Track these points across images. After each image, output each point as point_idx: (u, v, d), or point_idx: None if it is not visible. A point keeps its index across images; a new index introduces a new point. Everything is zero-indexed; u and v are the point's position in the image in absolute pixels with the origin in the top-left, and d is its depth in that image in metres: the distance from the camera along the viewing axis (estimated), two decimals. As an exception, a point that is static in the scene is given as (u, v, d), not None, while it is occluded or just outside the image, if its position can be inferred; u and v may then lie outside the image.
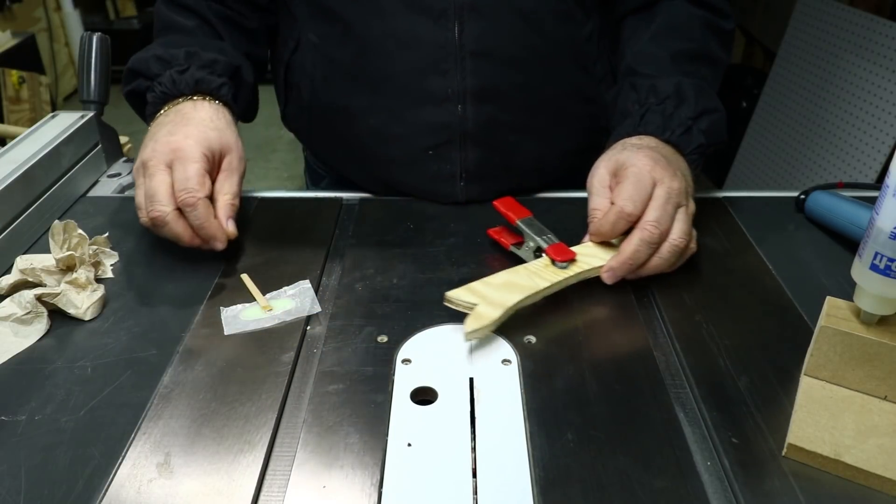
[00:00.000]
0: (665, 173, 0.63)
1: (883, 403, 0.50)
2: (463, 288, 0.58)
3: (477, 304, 0.57)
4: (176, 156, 0.63)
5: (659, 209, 0.61)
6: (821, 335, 0.51)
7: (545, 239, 0.64)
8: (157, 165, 0.63)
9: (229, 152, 0.67)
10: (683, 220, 0.62)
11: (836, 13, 1.96)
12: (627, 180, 0.63)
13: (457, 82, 0.73)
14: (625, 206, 0.61)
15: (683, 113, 0.70)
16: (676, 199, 0.62)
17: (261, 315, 0.60)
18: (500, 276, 0.60)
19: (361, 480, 0.45)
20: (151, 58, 0.72)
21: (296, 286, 0.63)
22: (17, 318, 0.57)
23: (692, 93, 0.71)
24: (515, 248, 0.67)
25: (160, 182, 0.62)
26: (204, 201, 0.62)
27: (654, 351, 0.56)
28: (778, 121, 2.18)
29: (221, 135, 0.67)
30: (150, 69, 0.71)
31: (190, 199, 0.61)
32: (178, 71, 0.70)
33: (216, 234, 0.63)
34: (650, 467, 0.46)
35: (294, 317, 0.60)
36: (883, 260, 0.46)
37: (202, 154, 0.64)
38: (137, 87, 0.73)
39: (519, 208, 0.68)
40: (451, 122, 0.75)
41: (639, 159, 0.64)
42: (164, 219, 0.61)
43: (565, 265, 0.62)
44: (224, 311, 0.60)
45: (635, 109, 0.72)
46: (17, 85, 2.75)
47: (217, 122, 0.68)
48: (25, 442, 0.48)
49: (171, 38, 0.75)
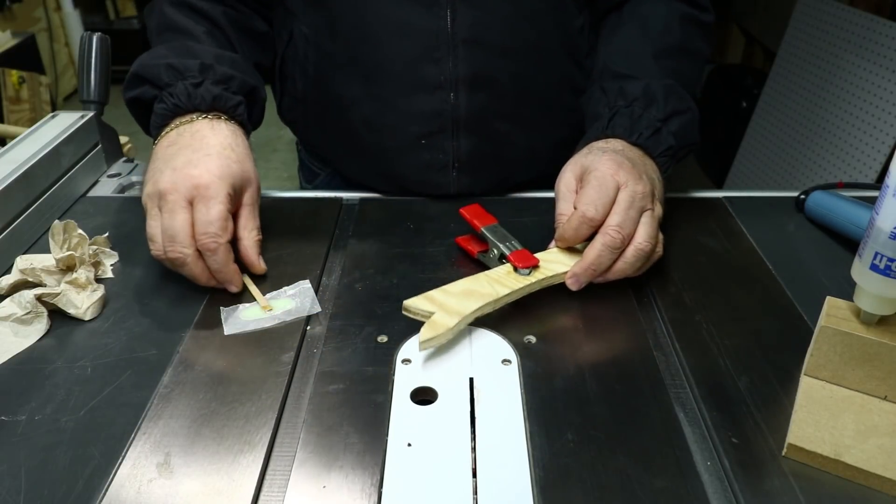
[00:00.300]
0: (629, 176, 0.62)
1: (883, 403, 0.50)
2: (421, 296, 0.57)
3: (434, 312, 0.56)
4: (199, 192, 0.59)
5: (622, 213, 0.60)
6: (821, 335, 0.51)
7: (508, 246, 0.63)
8: (177, 201, 0.59)
9: (250, 185, 0.65)
10: (648, 224, 0.61)
11: (836, 13, 1.96)
12: (590, 185, 0.62)
13: (449, 70, 0.74)
14: (587, 211, 0.60)
15: (652, 114, 0.69)
16: (641, 203, 0.61)
17: (261, 315, 0.60)
18: (460, 283, 0.59)
19: (361, 480, 0.45)
20: (162, 65, 0.67)
21: (296, 286, 0.63)
22: (17, 318, 0.57)
23: (661, 94, 0.70)
24: (482, 256, 0.66)
25: (182, 222, 0.58)
26: (225, 246, 0.59)
27: (654, 351, 0.56)
28: (778, 121, 2.18)
29: (243, 167, 0.64)
30: (161, 77, 0.67)
31: (212, 244, 0.58)
32: (192, 84, 0.66)
33: (233, 280, 0.61)
34: (650, 467, 0.46)
35: (294, 317, 0.60)
36: (883, 260, 0.46)
37: (227, 194, 0.60)
38: (143, 95, 0.69)
39: (485, 215, 0.68)
40: (443, 110, 0.75)
41: (602, 163, 0.63)
42: (183, 260, 0.59)
43: (528, 272, 0.61)
44: (224, 311, 0.60)
45: (604, 112, 0.71)
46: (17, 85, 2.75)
47: (237, 151, 0.65)
48: (25, 442, 0.48)
49: (178, 45, 0.71)
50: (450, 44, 0.73)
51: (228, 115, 0.68)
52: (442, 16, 0.72)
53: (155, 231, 0.60)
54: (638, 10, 0.79)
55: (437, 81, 0.74)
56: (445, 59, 0.73)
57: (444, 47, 0.73)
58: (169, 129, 0.66)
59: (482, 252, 0.66)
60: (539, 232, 0.73)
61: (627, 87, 0.71)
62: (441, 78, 0.74)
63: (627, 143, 0.68)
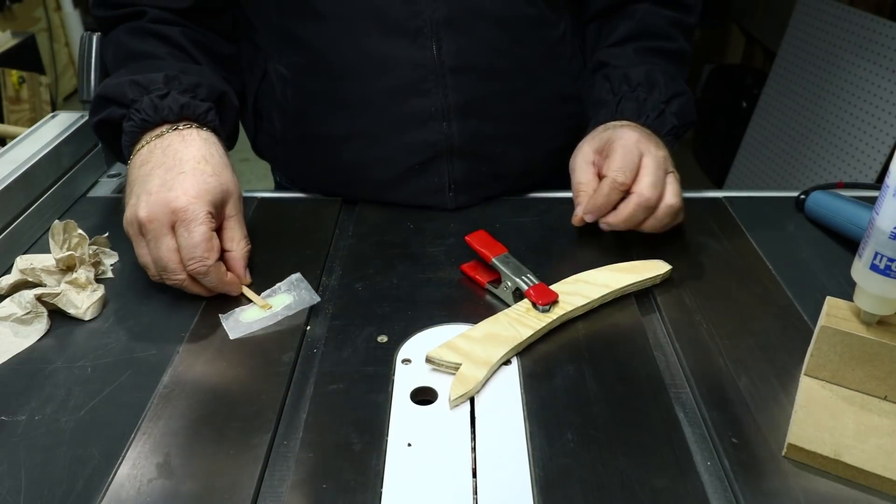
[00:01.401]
0: (649, 144, 0.67)
1: (883, 403, 0.50)
2: (444, 346, 0.55)
3: (460, 363, 0.53)
4: (178, 217, 0.57)
5: (652, 174, 0.64)
6: (821, 335, 0.51)
7: (525, 280, 0.60)
8: (159, 229, 0.57)
9: (230, 196, 0.62)
10: (674, 183, 0.66)
11: (836, 13, 1.96)
12: (616, 153, 0.66)
13: (440, 100, 0.72)
14: (617, 177, 0.64)
15: (655, 97, 0.73)
16: (665, 165, 0.66)
17: (262, 314, 0.59)
18: (481, 327, 0.57)
19: (361, 480, 0.45)
20: (126, 82, 0.65)
21: (286, 281, 0.63)
22: (17, 318, 0.57)
23: (662, 78, 0.74)
24: (492, 287, 0.63)
25: (167, 250, 0.58)
26: (215, 266, 0.59)
27: (654, 351, 0.56)
28: (778, 121, 2.18)
29: (220, 179, 0.61)
30: (126, 94, 0.64)
31: (201, 268, 0.58)
32: (158, 96, 0.64)
33: (231, 288, 0.61)
34: (650, 467, 0.46)
35: (295, 310, 0.59)
36: (883, 260, 0.46)
37: (207, 213, 0.58)
38: (110, 116, 0.66)
39: (493, 244, 0.64)
40: (437, 141, 0.74)
41: (624, 133, 0.67)
42: (180, 285, 0.59)
43: (548, 308, 0.58)
44: (224, 318, 0.59)
45: (610, 98, 0.74)
46: (17, 85, 2.74)
47: (212, 162, 0.62)
48: (25, 442, 0.48)
49: (140, 65, 0.68)
50: (438, 73, 0.71)
51: (199, 123, 0.65)
52: (427, 46, 0.70)
53: (146, 260, 0.60)
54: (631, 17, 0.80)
55: (429, 113, 0.73)
56: (435, 89, 0.72)
57: (432, 78, 0.72)
58: (140, 147, 0.64)
59: (492, 282, 0.63)
60: (539, 232, 0.73)
61: (630, 73, 0.74)
62: (432, 109, 0.73)
63: (637, 125, 0.71)
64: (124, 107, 0.65)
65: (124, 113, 0.65)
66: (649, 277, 0.63)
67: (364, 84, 0.73)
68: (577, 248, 0.71)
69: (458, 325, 0.59)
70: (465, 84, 0.73)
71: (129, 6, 0.73)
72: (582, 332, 0.58)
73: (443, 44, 0.71)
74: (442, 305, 0.62)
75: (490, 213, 0.77)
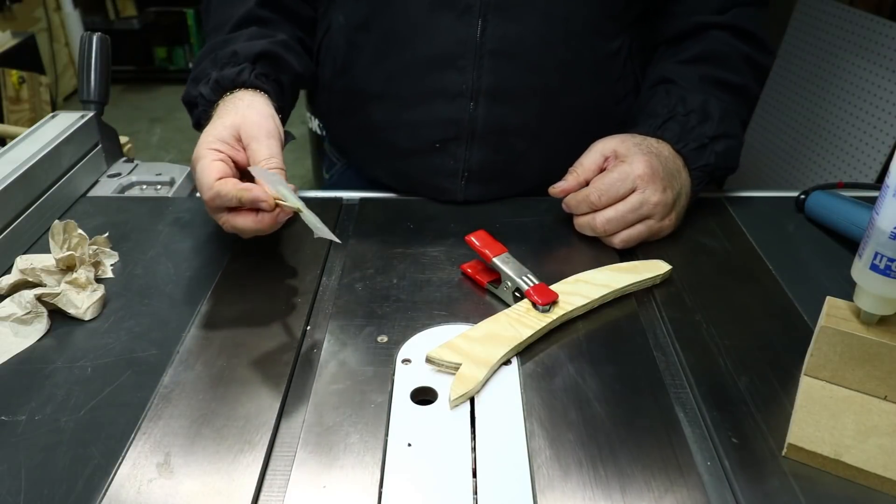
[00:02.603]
0: (650, 185, 0.67)
1: (883, 403, 0.50)
2: (444, 346, 0.55)
3: (460, 363, 0.53)
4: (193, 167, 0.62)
5: (619, 211, 0.67)
6: (821, 335, 0.51)
7: (525, 280, 0.60)
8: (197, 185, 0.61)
9: (240, 128, 0.63)
10: (639, 232, 0.68)
11: (836, 13, 1.96)
12: (612, 174, 0.68)
13: (472, 79, 0.73)
14: (590, 195, 0.68)
15: (704, 130, 0.72)
16: (646, 211, 0.67)
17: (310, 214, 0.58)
18: (481, 327, 0.57)
19: (361, 480, 0.45)
20: (189, 85, 0.73)
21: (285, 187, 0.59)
22: (17, 318, 0.57)
23: (718, 113, 0.73)
24: (492, 287, 0.63)
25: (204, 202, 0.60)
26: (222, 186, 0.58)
27: (654, 351, 0.56)
28: (778, 121, 2.18)
29: (224, 121, 0.63)
30: (191, 95, 0.72)
31: (206, 196, 0.59)
32: (204, 83, 0.70)
33: (256, 197, 0.57)
34: (650, 467, 0.46)
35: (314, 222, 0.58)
36: (883, 260, 0.46)
37: (207, 150, 0.61)
38: (200, 117, 0.71)
39: (494, 244, 0.64)
40: (460, 119, 0.75)
41: (638, 161, 0.67)
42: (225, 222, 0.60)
43: (548, 308, 0.58)
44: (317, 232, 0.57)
45: (662, 112, 0.74)
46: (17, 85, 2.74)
47: (226, 109, 0.66)
48: (25, 442, 0.48)
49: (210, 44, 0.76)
50: (476, 53, 0.72)
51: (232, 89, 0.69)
52: (473, 24, 0.71)
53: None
54: (703, 43, 0.78)
55: (458, 89, 0.74)
56: (469, 67, 0.73)
57: (469, 55, 0.72)
58: None
59: (492, 283, 0.63)
60: (539, 232, 0.73)
61: (689, 97, 0.74)
62: (463, 86, 0.74)
63: (673, 150, 0.71)
64: (196, 106, 0.72)
65: (199, 111, 0.71)
66: (649, 277, 0.63)
67: (405, 49, 0.74)
68: (577, 248, 0.71)
69: (458, 325, 0.59)
70: (500, 69, 0.73)
71: None
72: (582, 332, 0.58)
73: (488, 25, 0.71)
74: (442, 305, 0.62)
75: (490, 213, 0.77)
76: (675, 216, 0.70)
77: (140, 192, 0.84)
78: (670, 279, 0.65)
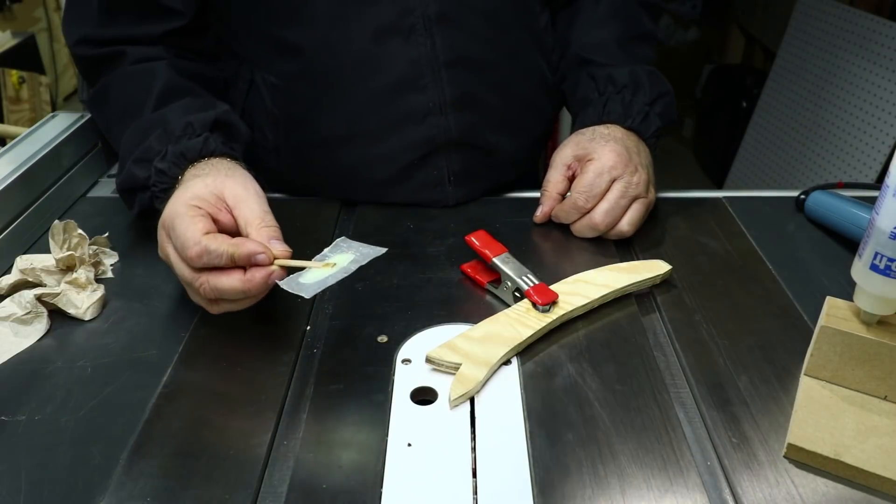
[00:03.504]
0: (626, 170, 0.69)
1: (883, 403, 0.50)
2: (444, 346, 0.55)
3: (460, 363, 0.53)
4: (165, 227, 0.55)
5: (611, 202, 0.69)
6: (821, 335, 0.51)
7: (525, 280, 0.60)
8: (163, 249, 0.56)
9: (224, 189, 0.57)
10: (636, 211, 0.70)
11: (836, 13, 1.96)
12: (587, 173, 0.69)
13: (437, 95, 0.73)
14: (577, 200, 0.69)
15: (641, 100, 0.75)
16: (634, 192, 0.69)
17: (327, 272, 0.53)
18: (481, 327, 0.57)
19: (361, 480, 0.45)
20: (130, 167, 0.64)
21: (333, 246, 0.56)
22: (17, 318, 0.57)
23: (646, 79, 0.76)
24: (492, 287, 0.63)
25: (174, 265, 0.55)
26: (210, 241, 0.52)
27: (654, 351, 0.56)
28: (778, 121, 2.18)
29: (206, 181, 0.57)
30: (138, 178, 0.63)
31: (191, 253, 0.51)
32: (160, 159, 0.62)
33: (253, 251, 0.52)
34: (650, 467, 0.46)
35: (363, 262, 0.54)
36: (883, 260, 0.46)
37: (189, 207, 0.54)
38: (144, 204, 0.65)
39: (494, 244, 0.64)
40: (436, 135, 0.75)
41: (605, 153, 0.70)
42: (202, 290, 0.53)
43: (548, 308, 0.58)
44: (286, 284, 0.52)
45: (595, 98, 0.76)
46: (17, 85, 2.74)
47: (199, 175, 0.59)
48: (25, 442, 0.48)
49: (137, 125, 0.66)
50: (433, 69, 0.72)
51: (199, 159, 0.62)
52: (422, 42, 0.71)
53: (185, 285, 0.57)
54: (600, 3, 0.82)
55: (426, 108, 0.73)
56: (431, 85, 0.72)
57: (427, 73, 0.72)
58: None
59: (492, 282, 0.63)
60: (539, 232, 0.73)
61: (615, 74, 0.76)
62: (429, 104, 0.73)
63: (623, 129, 0.73)
64: (146, 189, 0.64)
65: (150, 194, 0.63)
66: (649, 277, 0.63)
67: (360, 84, 0.73)
68: (577, 248, 0.71)
69: (458, 325, 0.59)
70: (460, 78, 0.73)
71: (110, 45, 0.71)
72: (582, 332, 0.58)
73: (436, 39, 0.71)
74: (442, 305, 0.62)
75: (490, 213, 0.77)
76: (653, 187, 0.73)
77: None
78: (670, 279, 0.65)
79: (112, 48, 0.71)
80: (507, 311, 0.59)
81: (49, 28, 3.44)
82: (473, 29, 0.73)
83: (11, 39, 2.89)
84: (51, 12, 3.47)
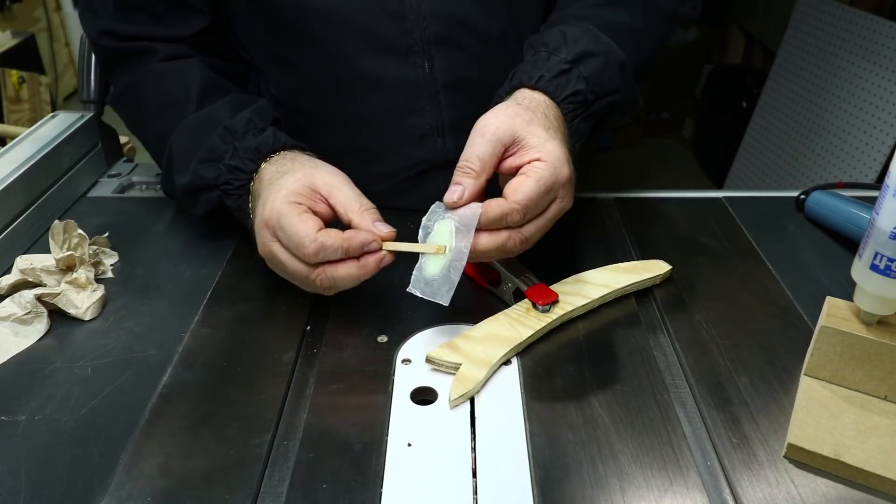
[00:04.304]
0: (567, 192, 0.56)
1: (883, 403, 0.50)
2: (444, 346, 0.55)
3: (460, 363, 0.53)
4: (270, 226, 0.55)
5: (540, 225, 0.55)
6: (821, 335, 0.51)
7: (525, 280, 0.60)
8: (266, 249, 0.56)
9: (314, 179, 0.57)
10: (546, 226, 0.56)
11: (836, 13, 1.96)
12: (534, 189, 0.53)
13: (434, 118, 0.72)
14: (511, 214, 0.53)
15: (559, 56, 0.62)
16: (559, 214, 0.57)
17: (443, 259, 0.53)
18: (481, 327, 0.57)
19: (361, 480, 0.45)
20: (195, 166, 0.64)
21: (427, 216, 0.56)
22: (17, 318, 0.57)
23: (573, 37, 0.63)
24: (492, 287, 0.63)
25: (286, 263, 0.55)
26: (325, 238, 0.53)
27: (654, 351, 0.56)
28: (778, 121, 2.18)
29: (296, 175, 0.57)
30: (207, 178, 0.63)
31: (308, 251, 0.53)
32: (231, 156, 0.62)
33: (364, 241, 0.54)
34: (650, 467, 0.46)
35: (470, 234, 0.53)
36: (883, 260, 0.46)
37: (292, 204, 0.55)
38: (211, 204, 0.65)
39: None
40: (433, 157, 0.74)
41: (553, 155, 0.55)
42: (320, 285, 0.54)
43: (548, 308, 0.58)
44: (417, 291, 0.54)
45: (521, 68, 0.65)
46: (17, 85, 2.74)
47: (284, 169, 0.60)
48: (25, 442, 0.48)
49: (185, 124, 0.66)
50: (431, 91, 0.71)
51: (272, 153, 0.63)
52: (420, 64, 0.70)
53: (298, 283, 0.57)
54: None
55: (423, 130, 0.72)
56: (429, 107, 0.71)
57: (426, 96, 0.71)
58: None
59: (492, 283, 0.63)
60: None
61: (545, 34, 0.65)
62: (427, 126, 0.72)
63: (530, 90, 0.61)
64: (213, 188, 0.64)
65: (219, 193, 0.64)
66: (649, 277, 0.63)
67: (358, 104, 0.72)
68: (577, 248, 0.71)
69: (458, 325, 0.59)
70: (458, 100, 0.72)
71: (138, 40, 0.70)
72: (582, 332, 0.58)
73: (435, 61, 0.70)
74: (442, 305, 0.61)
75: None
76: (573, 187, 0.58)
77: (140, 192, 0.84)
78: (670, 279, 0.65)
79: (141, 43, 0.70)
80: (507, 311, 0.59)
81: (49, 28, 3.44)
82: (472, 51, 0.71)
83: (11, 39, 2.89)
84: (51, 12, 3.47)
